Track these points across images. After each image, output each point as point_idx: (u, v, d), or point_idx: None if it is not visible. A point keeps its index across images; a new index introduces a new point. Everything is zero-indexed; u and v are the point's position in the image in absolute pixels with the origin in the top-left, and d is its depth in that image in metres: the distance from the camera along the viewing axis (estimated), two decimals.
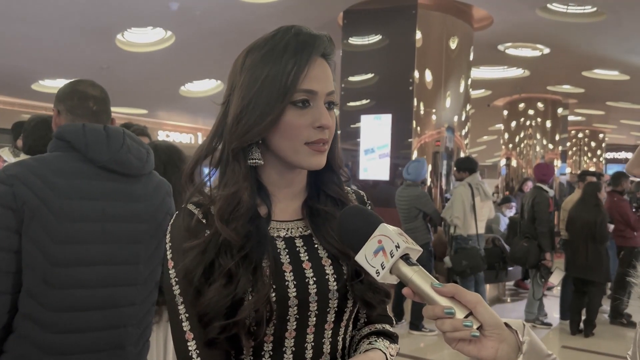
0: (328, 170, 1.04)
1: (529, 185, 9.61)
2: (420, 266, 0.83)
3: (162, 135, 15.68)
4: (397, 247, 0.82)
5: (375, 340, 1.05)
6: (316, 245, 1.01)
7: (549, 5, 7.82)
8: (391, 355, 1.03)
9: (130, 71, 10.64)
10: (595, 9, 7.78)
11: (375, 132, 7.59)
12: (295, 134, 0.94)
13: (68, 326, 1.50)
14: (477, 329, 0.76)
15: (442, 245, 6.22)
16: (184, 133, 16.94)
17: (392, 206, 6.27)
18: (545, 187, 5.91)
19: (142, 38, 9.31)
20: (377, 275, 0.82)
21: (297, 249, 0.99)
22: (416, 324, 5.54)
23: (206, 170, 1.02)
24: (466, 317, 0.76)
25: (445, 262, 5.72)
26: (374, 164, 7.63)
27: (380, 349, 1.02)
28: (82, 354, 1.52)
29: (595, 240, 5.57)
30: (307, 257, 0.99)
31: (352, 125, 7.81)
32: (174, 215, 1.00)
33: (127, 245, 1.61)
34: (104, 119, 1.74)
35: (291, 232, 1.01)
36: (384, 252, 0.82)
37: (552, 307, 6.40)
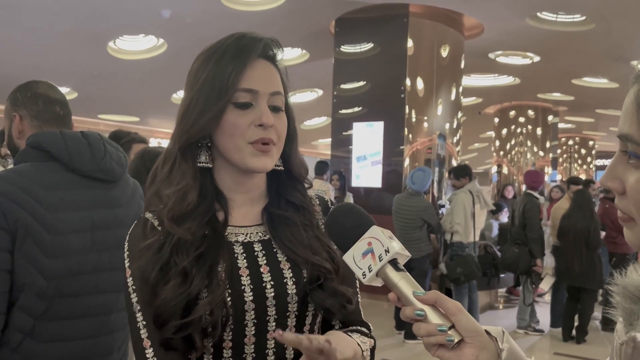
0: (288, 177, 1.05)
1: (509, 191, 9.68)
2: (407, 272, 0.83)
3: (153, 143, 15.62)
4: (387, 251, 0.81)
5: (350, 334, 1.03)
6: (275, 250, 1.00)
7: (538, 14, 7.90)
8: (365, 347, 0.99)
9: (122, 78, 10.63)
10: (584, 17, 7.87)
11: (367, 139, 7.61)
12: (237, 133, 0.95)
13: (59, 335, 1.48)
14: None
15: (434, 253, 6.23)
16: None
17: (385, 213, 6.27)
18: (536, 194, 5.94)
19: (134, 45, 9.31)
20: (363, 278, 0.82)
21: (256, 254, 0.98)
22: (411, 333, 5.52)
23: None
24: (449, 328, 0.77)
25: (441, 269, 5.70)
26: (366, 171, 7.65)
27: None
28: None
29: (588, 247, 5.60)
30: (265, 261, 0.98)
31: (344, 133, 7.83)
32: (133, 224, 1.01)
33: (114, 252, 1.59)
34: (69, 123, 1.68)
35: (250, 236, 1.00)
36: (373, 255, 0.82)
37: (545, 313, 6.41)
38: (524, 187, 6.88)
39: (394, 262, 0.82)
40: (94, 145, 1.58)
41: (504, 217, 8.23)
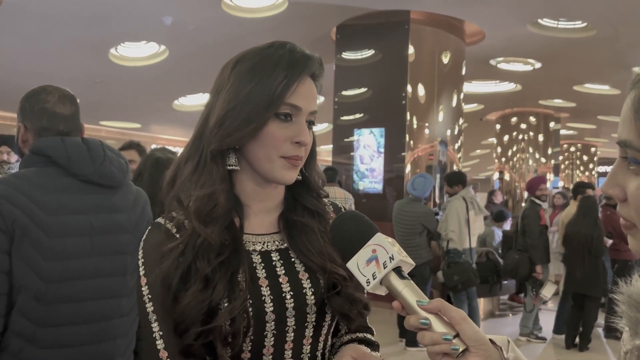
0: (305, 187, 1.05)
1: (497, 195, 9.67)
2: (411, 280, 0.82)
3: None
4: (391, 258, 0.80)
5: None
6: (293, 259, 0.99)
7: (539, 21, 7.91)
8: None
9: (124, 85, 10.65)
10: (585, 24, 7.88)
11: (368, 146, 7.61)
12: (274, 145, 0.95)
13: (59, 341, 1.48)
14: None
15: (436, 259, 6.22)
16: (177, 147, 16.89)
17: (385, 220, 6.26)
18: (537, 201, 5.92)
19: (136, 52, 9.33)
20: (367, 285, 0.81)
21: (274, 263, 0.98)
22: (413, 340, 5.50)
23: None
24: (454, 337, 0.76)
25: (438, 277, 5.69)
26: (367, 177, 7.64)
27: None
28: None
29: (591, 255, 5.58)
30: (283, 271, 0.97)
31: (345, 139, 7.83)
32: (147, 230, 0.99)
33: (114, 257, 1.60)
34: (75, 135, 1.67)
35: (267, 245, 1.00)
36: (377, 262, 0.81)
37: (548, 321, 6.38)
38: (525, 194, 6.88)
39: (398, 270, 0.81)
40: (94, 150, 1.59)
41: (507, 226, 8.23)
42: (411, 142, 7.46)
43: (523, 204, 9.80)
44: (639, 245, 0.66)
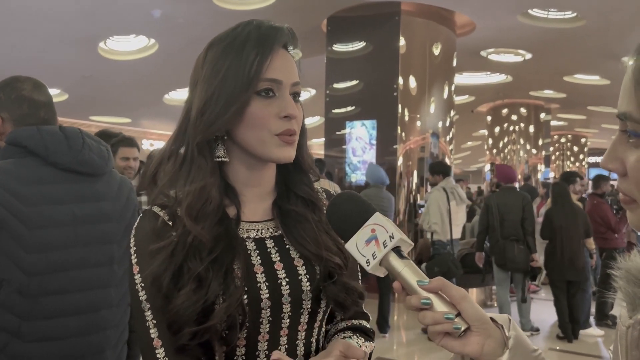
0: (297, 169, 1.03)
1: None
2: (411, 260, 0.81)
3: (146, 145, 15.55)
4: (391, 237, 0.79)
5: (350, 337, 1.04)
6: (287, 246, 0.98)
7: (530, 11, 7.92)
8: (365, 353, 0.99)
9: (113, 79, 10.56)
10: (575, 14, 7.90)
11: (360, 138, 7.61)
12: (262, 124, 0.93)
13: (46, 334, 1.46)
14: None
15: (426, 250, 6.23)
16: None
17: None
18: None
19: (125, 46, 9.26)
20: (367, 266, 0.80)
21: (268, 250, 0.97)
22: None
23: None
24: (456, 316, 0.76)
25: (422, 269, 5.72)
26: (359, 169, 7.65)
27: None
28: None
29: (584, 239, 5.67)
30: (278, 258, 0.96)
31: (337, 132, 7.83)
32: (139, 217, 0.97)
33: (100, 247, 1.57)
34: (54, 123, 1.65)
35: (261, 232, 0.99)
36: (377, 242, 0.80)
37: (540, 310, 6.43)
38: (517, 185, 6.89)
39: (397, 250, 0.80)
40: (72, 138, 1.56)
41: None
42: (403, 134, 7.47)
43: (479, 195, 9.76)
44: (638, 220, 0.65)
